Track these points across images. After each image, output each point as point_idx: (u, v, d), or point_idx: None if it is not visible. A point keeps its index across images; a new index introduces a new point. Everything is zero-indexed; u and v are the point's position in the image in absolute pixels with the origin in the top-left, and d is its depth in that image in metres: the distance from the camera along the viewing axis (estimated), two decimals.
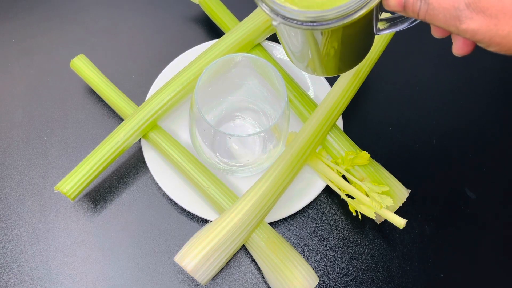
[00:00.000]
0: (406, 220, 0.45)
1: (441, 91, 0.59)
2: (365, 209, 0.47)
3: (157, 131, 0.51)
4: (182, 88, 0.52)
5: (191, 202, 0.50)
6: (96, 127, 0.56)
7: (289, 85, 0.54)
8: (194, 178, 0.49)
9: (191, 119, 0.47)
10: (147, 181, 0.53)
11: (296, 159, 0.48)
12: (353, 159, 0.50)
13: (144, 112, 0.51)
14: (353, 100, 0.53)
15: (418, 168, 0.55)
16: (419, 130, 0.57)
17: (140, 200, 0.52)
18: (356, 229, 0.52)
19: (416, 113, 0.58)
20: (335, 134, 0.52)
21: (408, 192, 0.50)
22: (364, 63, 0.51)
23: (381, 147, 0.55)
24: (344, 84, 0.51)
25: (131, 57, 0.60)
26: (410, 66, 0.60)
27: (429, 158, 0.55)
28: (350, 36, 0.34)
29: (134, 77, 0.58)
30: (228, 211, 0.46)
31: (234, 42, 0.53)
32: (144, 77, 0.58)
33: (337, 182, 0.49)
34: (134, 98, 0.56)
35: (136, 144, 0.55)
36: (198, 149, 0.49)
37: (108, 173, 0.54)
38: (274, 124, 0.44)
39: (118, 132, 0.50)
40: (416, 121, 0.57)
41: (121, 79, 0.58)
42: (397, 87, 0.59)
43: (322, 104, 0.51)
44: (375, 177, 0.49)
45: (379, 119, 0.57)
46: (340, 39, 0.33)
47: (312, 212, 0.52)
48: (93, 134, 0.55)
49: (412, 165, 0.55)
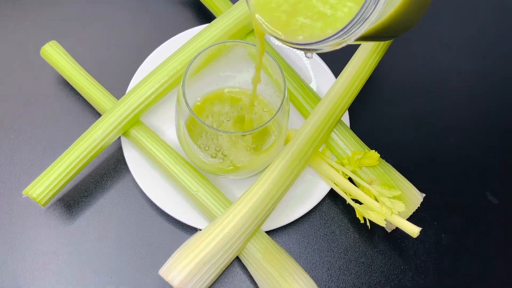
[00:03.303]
0: (420, 228, 0.46)
1: (461, 82, 0.59)
2: (374, 215, 0.47)
3: (139, 128, 0.51)
4: (168, 79, 0.52)
5: (178, 208, 0.50)
6: (70, 123, 0.56)
7: (289, 76, 0.54)
8: (181, 181, 0.49)
9: (178, 114, 0.47)
10: (128, 184, 0.53)
11: (296, 160, 0.48)
12: (360, 160, 0.50)
13: (124, 106, 0.51)
14: (360, 92, 0.53)
15: (434, 170, 0.55)
16: (435, 127, 0.57)
17: (120, 206, 0.52)
18: (364, 238, 0.52)
19: (432, 108, 0.58)
20: (340, 131, 0.52)
21: (422, 197, 0.50)
22: (374, 50, 0.51)
23: (392, 145, 0.56)
24: (351, 74, 0.51)
25: (109, 44, 0.60)
26: (426, 54, 0.60)
27: (447, 158, 0.56)
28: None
29: (113, 66, 0.58)
30: (220, 218, 0.47)
31: (227, 27, 0.53)
32: (125, 67, 0.58)
33: (343, 185, 0.50)
34: (113, 90, 0.56)
35: (116, 142, 0.55)
36: (186, 148, 0.49)
37: (84, 175, 0.54)
38: (271, 120, 0.44)
39: (95, 129, 0.50)
40: (432, 116, 0.58)
41: (99, 69, 0.58)
42: (411, 78, 0.59)
43: (325, 98, 0.51)
44: (385, 180, 0.50)
45: (390, 114, 0.57)
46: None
47: (315, 219, 0.53)
48: (67, 131, 0.55)
49: (427, 166, 0.55)
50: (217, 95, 0.52)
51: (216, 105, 0.52)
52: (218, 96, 0.52)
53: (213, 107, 0.52)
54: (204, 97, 0.52)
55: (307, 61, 0.57)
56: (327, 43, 0.32)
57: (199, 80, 0.49)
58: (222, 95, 0.52)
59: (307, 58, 0.53)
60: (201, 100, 0.52)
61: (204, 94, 0.52)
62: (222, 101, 0.52)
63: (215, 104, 0.52)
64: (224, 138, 0.48)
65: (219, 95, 0.52)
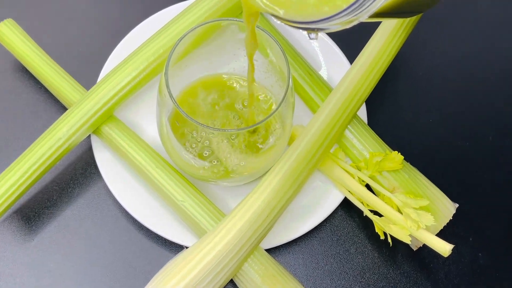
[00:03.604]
0: (452, 246, 0.45)
1: (500, 70, 0.59)
2: (396, 230, 0.47)
3: (113, 124, 0.51)
4: (147, 66, 0.52)
5: (160, 221, 0.50)
6: (29, 118, 0.55)
7: (294, 62, 0.53)
8: (164, 188, 0.49)
9: (160, 107, 0.46)
10: (100, 192, 0.53)
11: (303, 163, 0.48)
12: (380, 163, 0.49)
13: (95, 99, 0.50)
14: (381, 81, 0.52)
15: (469, 175, 0.55)
16: (470, 124, 0.57)
17: (90, 219, 0.52)
18: (384, 257, 0.51)
19: (467, 100, 0.58)
20: (356, 128, 0.51)
21: (455, 207, 0.49)
22: (396, 30, 0.51)
23: (419, 146, 0.55)
24: (369, 59, 0.51)
25: (77, 23, 0.59)
26: (456, 37, 0.60)
27: (484, 161, 0.55)
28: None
29: (81, 51, 0.58)
30: (211, 233, 0.46)
31: (219, 2, 0.53)
32: (96, 51, 0.57)
33: (359, 194, 0.49)
34: (81, 79, 0.55)
35: (85, 142, 0.54)
36: (170, 149, 0.49)
37: (46, 181, 0.53)
38: (273, 114, 0.43)
39: (60, 126, 0.49)
40: (467, 111, 0.57)
41: (64, 53, 0.57)
42: (440, 65, 0.59)
43: (338, 88, 0.51)
44: (410, 187, 0.49)
45: (415, 108, 0.57)
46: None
47: (325, 235, 0.52)
48: (26, 128, 0.55)
49: (461, 171, 0.55)
50: (207, 85, 0.52)
51: (206, 97, 0.52)
52: (209, 85, 0.52)
53: (203, 99, 0.52)
54: (191, 87, 0.52)
55: (316, 43, 0.56)
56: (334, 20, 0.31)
57: (186, 67, 0.49)
58: (213, 84, 0.52)
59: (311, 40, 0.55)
60: (188, 91, 0.52)
61: (191, 83, 0.52)
62: (213, 92, 0.52)
63: (204, 95, 0.52)
64: (215, 137, 0.47)
65: (210, 84, 0.52)
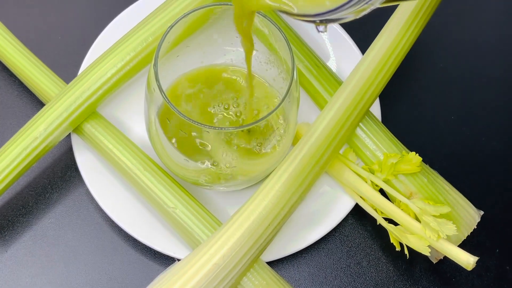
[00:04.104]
0: (477, 258, 0.44)
1: None
2: (414, 240, 0.46)
3: (96, 122, 0.51)
4: (135, 57, 0.51)
5: (149, 231, 0.50)
6: (1, 115, 0.55)
7: (299, 51, 0.53)
8: (153, 193, 0.49)
9: (149, 103, 0.46)
10: (81, 198, 0.52)
11: (309, 165, 0.47)
12: (396, 165, 0.49)
13: (76, 93, 0.50)
14: (395, 74, 0.51)
15: (496, 179, 0.54)
16: (497, 121, 0.57)
17: (70, 228, 0.51)
18: (401, 271, 0.51)
19: (494, 95, 0.57)
20: (368, 126, 0.51)
21: (480, 215, 0.49)
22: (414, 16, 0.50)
23: (439, 146, 0.55)
24: (383, 49, 0.50)
25: (56, 9, 0.59)
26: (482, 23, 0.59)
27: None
28: None
29: (61, 39, 0.58)
30: (206, 244, 0.45)
31: None
32: (77, 40, 0.57)
33: (372, 200, 0.49)
34: (60, 71, 0.54)
35: (64, 141, 0.54)
36: (160, 150, 0.48)
37: (21, 186, 0.53)
38: (275, 111, 0.43)
39: (36, 124, 0.49)
40: (492, 107, 0.57)
41: (41, 42, 0.57)
42: (462, 55, 0.59)
43: (349, 81, 0.50)
44: (429, 192, 0.49)
45: (435, 103, 0.57)
46: None
47: (334, 246, 0.52)
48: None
49: (487, 174, 0.54)
50: (201, 78, 0.52)
51: (200, 91, 0.51)
52: (203, 78, 0.52)
53: (196, 93, 0.51)
54: (183, 80, 0.52)
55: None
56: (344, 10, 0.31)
57: (177, 57, 0.49)
58: (208, 77, 0.52)
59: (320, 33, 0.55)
60: (180, 84, 0.52)
61: (183, 76, 0.52)
62: (208, 86, 0.52)
63: (198, 89, 0.51)
64: (211, 136, 0.46)
65: (204, 77, 0.52)
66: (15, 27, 0.56)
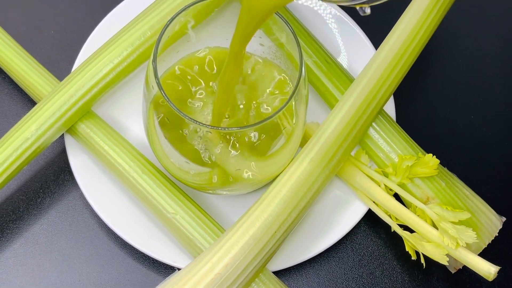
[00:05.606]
0: (498, 268, 0.44)
1: None
2: (431, 249, 0.46)
3: (91, 122, 0.50)
4: (132, 52, 0.51)
5: (147, 238, 0.49)
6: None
7: (308, 47, 0.53)
8: (152, 198, 0.48)
9: (147, 101, 0.45)
10: (75, 203, 0.52)
11: (318, 168, 0.47)
12: (411, 168, 0.48)
13: (69, 91, 0.49)
14: (411, 71, 0.51)
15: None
16: None
17: (63, 235, 0.51)
18: (416, 281, 0.50)
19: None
20: (382, 126, 0.50)
21: (502, 222, 0.48)
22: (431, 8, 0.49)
23: (458, 148, 0.55)
24: (398, 44, 0.50)
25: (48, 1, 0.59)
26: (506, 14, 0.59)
27: None
28: None
29: (54, 34, 0.57)
30: (208, 253, 0.44)
31: None
32: (70, 35, 0.57)
33: (386, 205, 0.48)
34: (53, 68, 0.55)
35: (58, 143, 0.54)
36: (159, 152, 0.48)
37: (11, 190, 0.52)
38: (282, 110, 0.42)
39: (28, 124, 0.49)
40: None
41: (32, 37, 0.57)
42: (483, 50, 0.58)
43: (361, 78, 0.50)
44: (447, 197, 0.48)
45: (454, 102, 0.56)
46: None
47: (345, 255, 0.51)
48: None
49: (509, 178, 0.54)
50: (204, 75, 0.50)
51: (202, 88, 0.50)
52: (206, 75, 0.50)
53: (198, 91, 0.50)
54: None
55: (335, 25, 0.55)
56: None
57: (178, 52, 0.48)
58: (211, 74, 0.50)
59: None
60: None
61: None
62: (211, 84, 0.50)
63: (200, 86, 0.50)
64: (214, 137, 0.45)
65: (207, 74, 0.50)
66: (5, 21, 0.56)
